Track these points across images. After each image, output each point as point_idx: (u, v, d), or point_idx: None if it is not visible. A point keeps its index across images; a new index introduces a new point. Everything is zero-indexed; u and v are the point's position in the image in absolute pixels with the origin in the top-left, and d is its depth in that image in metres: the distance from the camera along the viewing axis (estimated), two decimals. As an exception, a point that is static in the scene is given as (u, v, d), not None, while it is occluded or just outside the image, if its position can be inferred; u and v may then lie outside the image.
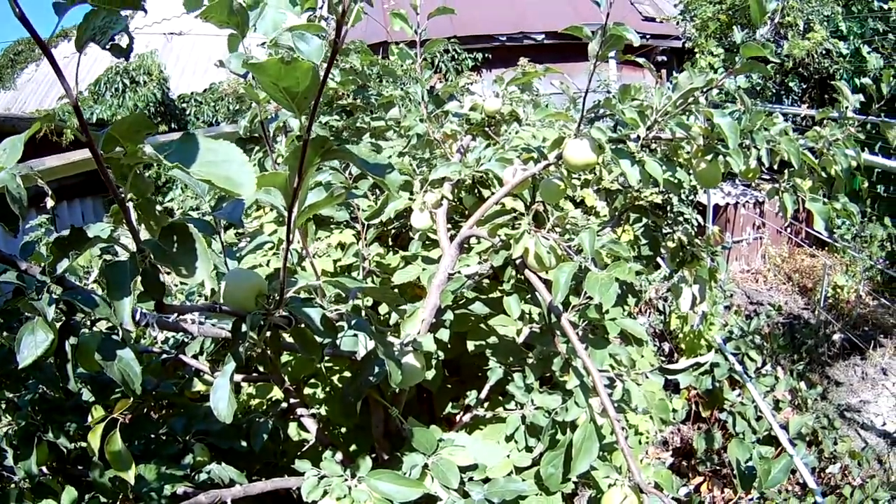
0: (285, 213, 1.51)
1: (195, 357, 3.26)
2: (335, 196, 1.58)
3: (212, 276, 1.64)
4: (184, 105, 12.77)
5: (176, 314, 2.19)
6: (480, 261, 3.16)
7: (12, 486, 2.85)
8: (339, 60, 4.15)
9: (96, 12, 1.20)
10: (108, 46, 1.21)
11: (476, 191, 3.69)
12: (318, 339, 2.05)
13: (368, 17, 3.75)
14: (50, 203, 1.95)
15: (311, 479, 2.41)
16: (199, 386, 3.57)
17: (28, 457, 2.64)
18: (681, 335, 7.82)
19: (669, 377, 3.39)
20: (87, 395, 2.92)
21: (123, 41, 1.22)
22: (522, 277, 2.95)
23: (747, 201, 12.30)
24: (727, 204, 12.10)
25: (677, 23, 16.99)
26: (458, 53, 16.60)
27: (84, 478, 2.98)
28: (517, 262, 2.70)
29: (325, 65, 1.25)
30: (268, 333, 2.02)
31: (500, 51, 16.35)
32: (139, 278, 1.40)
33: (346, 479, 2.35)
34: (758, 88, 13.96)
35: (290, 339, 2.13)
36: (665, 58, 17.71)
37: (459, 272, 3.01)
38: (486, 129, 3.89)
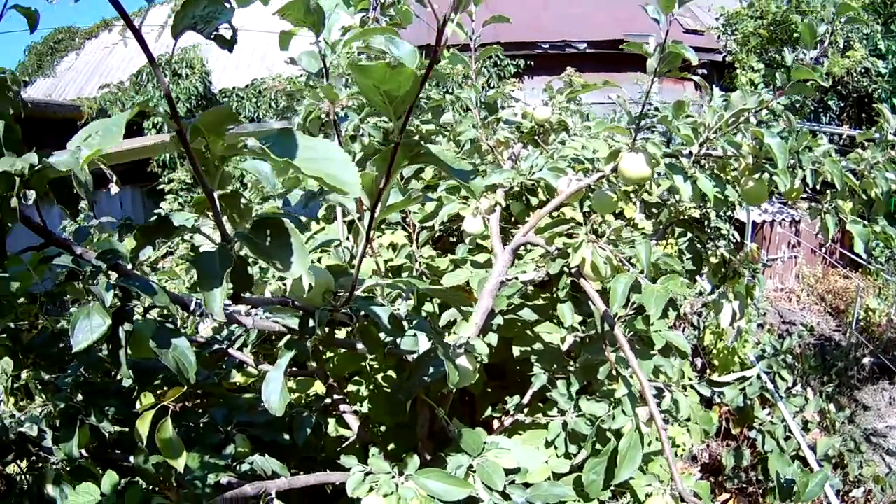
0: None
1: (240, 349, 3.28)
2: (412, 198, 1.60)
3: (309, 272, 1.66)
4: (225, 99, 12.82)
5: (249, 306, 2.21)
6: (536, 267, 3.16)
7: (50, 466, 2.88)
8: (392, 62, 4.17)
9: (197, 0, 1.20)
10: (211, 36, 1.22)
11: (524, 198, 3.71)
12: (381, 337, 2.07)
13: (419, 18, 3.77)
14: (115, 189, 1.97)
15: (357, 476, 2.44)
16: (237, 377, 3.59)
17: (69, 439, 2.64)
18: (714, 351, 7.80)
19: (714, 390, 3.40)
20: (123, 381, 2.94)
21: (227, 33, 1.22)
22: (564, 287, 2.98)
23: (783, 219, 12.25)
24: (763, 221, 12.06)
25: (718, 36, 16.94)
26: (500, 60, 16.59)
27: (121, 462, 3.00)
28: (573, 270, 2.71)
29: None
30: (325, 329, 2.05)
31: (543, 58, 16.33)
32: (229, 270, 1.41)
33: (393, 477, 2.37)
34: (796, 105, 13.92)
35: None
36: (705, 71, 17.65)
37: (516, 278, 3.02)
38: (535, 137, 3.91)
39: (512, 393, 3.69)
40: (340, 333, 2.50)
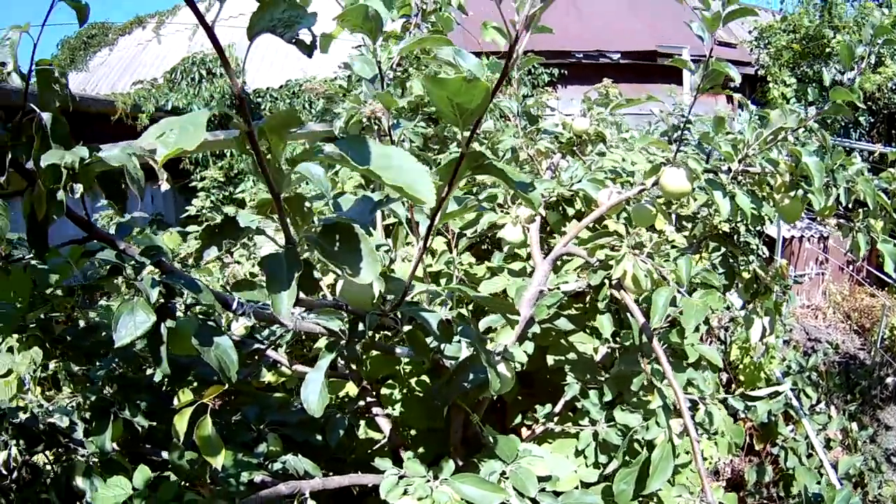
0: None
1: (274, 348, 3.29)
2: (468, 207, 1.62)
3: (379, 278, 1.67)
4: (258, 100, 12.87)
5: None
6: (578, 278, 3.18)
7: (80, 458, 2.90)
8: (422, 71, 4.19)
9: (276, 2, 1.21)
10: (292, 40, 1.22)
11: (560, 208, 3.72)
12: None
13: (459, 25, 3.78)
14: (165, 186, 1.99)
15: (391, 478, 2.45)
16: (267, 377, 3.61)
17: (102, 432, 2.66)
18: (741, 366, 7.77)
19: (747, 404, 3.40)
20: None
21: (307, 37, 1.23)
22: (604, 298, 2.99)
23: (812, 235, 12.20)
24: (792, 237, 12.01)
25: (751, 50, 16.88)
26: (534, 68, 16.53)
27: (151, 457, 3.02)
28: (614, 282, 2.73)
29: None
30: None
31: (576, 68, 16.30)
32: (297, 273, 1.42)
33: (428, 480, 2.38)
34: (827, 121, 13.88)
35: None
36: (737, 84, 17.54)
37: (557, 288, 3.03)
38: (574, 147, 3.92)
39: (541, 401, 3.71)
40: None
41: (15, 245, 3.03)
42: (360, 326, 1.93)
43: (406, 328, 2.07)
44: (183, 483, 2.75)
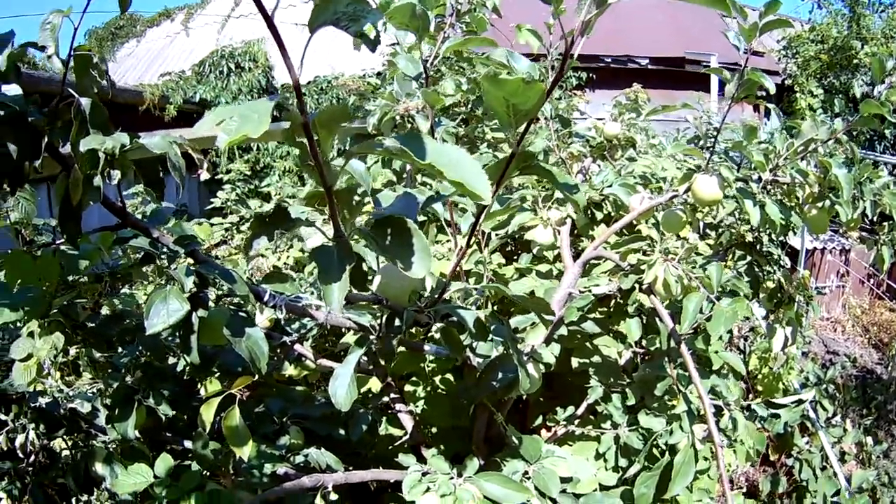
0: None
1: (299, 342, 3.30)
2: (511, 207, 1.63)
3: (432, 274, 1.68)
4: (287, 95, 12.89)
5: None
6: (609, 281, 3.18)
7: (101, 445, 2.91)
8: (463, 69, 4.20)
9: None
10: (356, 34, 1.22)
11: (588, 212, 3.72)
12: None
13: (493, 27, 3.78)
14: (204, 175, 2.00)
15: (414, 475, 2.46)
16: (289, 370, 3.62)
17: (125, 419, 2.65)
18: (759, 376, 7.75)
19: (771, 411, 3.40)
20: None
21: (371, 33, 1.23)
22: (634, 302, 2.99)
23: (834, 248, 12.15)
24: (814, 249, 11.96)
25: (778, 59, 16.81)
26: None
27: (171, 445, 3.03)
28: (644, 286, 2.73)
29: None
30: (401, 329, 2.07)
31: (604, 72, 16.21)
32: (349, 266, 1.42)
33: (451, 478, 2.39)
34: (853, 133, 13.82)
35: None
36: (764, 93, 17.48)
37: (589, 290, 3.04)
38: (604, 152, 3.93)
39: (561, 403, 3.72)
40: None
41: (40, 230, 3.05)
42: (397, 322, 1.93)
43: (437, 325, 2.07)
44: (205, 473, 2.76)
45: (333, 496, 2.71)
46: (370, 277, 1.82)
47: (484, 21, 3.21)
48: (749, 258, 3.74)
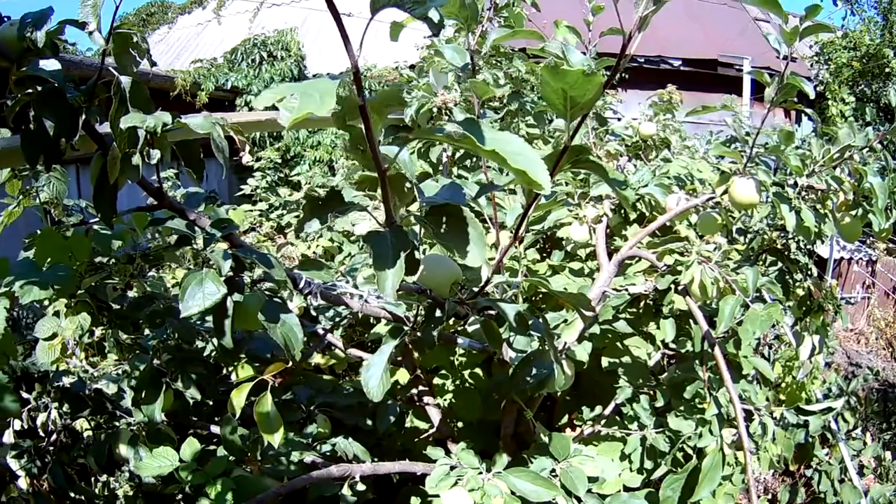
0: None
1: (329, 331, 3.29)
2: (558, 201, 1.63)
3: (487, 263, 1.67)
4: (320, 84, 12.91)
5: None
6: (645, 281, 3.17)
7: (125, 426, 2.91)
8: (501, 63, 4.19)
9: None
10: (421, 17, 1.20)
11: (622, 211, 3.71)
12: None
13: (530, 22, 3.77)
14: (247, 158, 2.00)
15: (442, 468, 2.45)
16: (315, 358, 3.62)
17: (152, 401, 2.64)
18: (783, 384, 7.72)
19: (801, 418, 3.39)
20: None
21: (435, 16, 1.21)
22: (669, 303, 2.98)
23: (860, 258, 12.08)
24: (841, 258, 11.90)
25: (811, 65, 16.73)
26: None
27: (195, 429, 3.06)
28: (680, 288, 2.72)
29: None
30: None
31: (637, 72, 16.12)
32: (404, 254, 1.41)
33: (480, 472, 2.38)
34: (884, 142, 13.74)
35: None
36: (795, 98, 17.38)
37: (626, 290, 3.03)
38: (639, 152, 3.91)
39: (587, 403, 3.71)
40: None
41: (69, 210, 3.05)
42: (438, 313, 1.92)
43: (473, 318, 2.06)
44: (231, 458, 2.75)
45: (361, 486, 2.70)
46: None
47: (521, 16, 3.21)
48: (780, 264, 3.72)
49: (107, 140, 1.72)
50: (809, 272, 4.11)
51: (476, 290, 1.92)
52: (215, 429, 2.97)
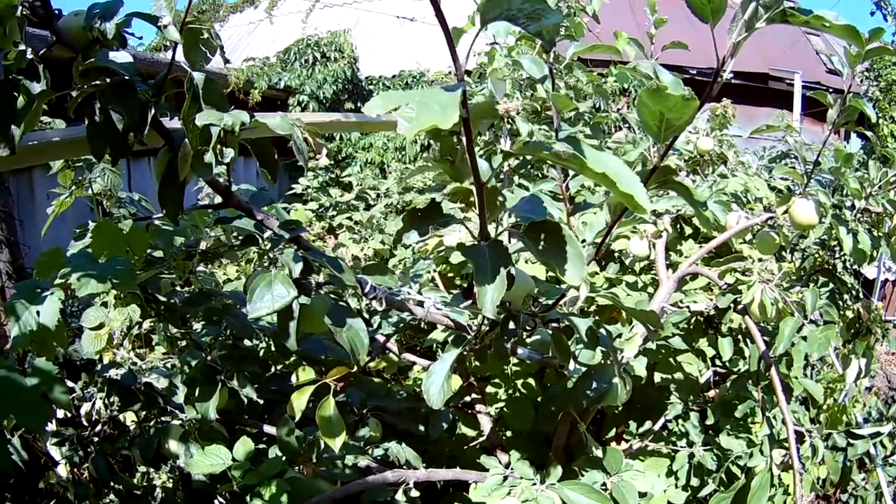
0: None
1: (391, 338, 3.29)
2: (634, 218, 1.64)
3: (586, 281, 1.68)
4: (371, 87, 12.92)
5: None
6: (708, 299, 3.18)
7: (176, 422, 2.93)
8: (562, 74, 4.20)
9: None
10: (536, 33, 1.21)
11: (678, 226, 3.72)
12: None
13: (590, 32, 3.78)
14: (325, 161, 2.00)
15: (495, 478, 2.46)
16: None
17: (207, 399, 2.65)
18: (824, 406, 7.67)
19: (849, 441, 3.38)
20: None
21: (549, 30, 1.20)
22: (728, 321, 2.98)
23: (906, 280, 11.97)
24: (885, 280, 11.79)
25: (861, 80, 16.57)
26: (648, 80, 16.35)
27: (244, 427, 3.06)
28: (739, 307, 2.73)
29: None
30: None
31: (688, 84, 16.05)
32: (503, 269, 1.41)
33: (534, 483, 2.39)
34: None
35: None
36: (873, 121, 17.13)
37: (688, 307, 3.04)
38: (696, 167, 3.91)
39: (634, 418, 3.71)
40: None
41: (122, 203, 3.08)
42: (511, 325, 1.93)
43: (539, 330, 2.07)
44: (286, 459, 2.75)
45: (415, 493, 2.71)
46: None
47: (582, 26, 3.21)
48: (832, 286, 3.71)
49: (176, 136, 1.73)
50: (858, 294, 4.09)
51: (550, 303, 1.94)
52: (268, 428, 2.98)
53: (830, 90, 16.10)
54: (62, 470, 3.01)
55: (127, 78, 1.64)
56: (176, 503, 3.08)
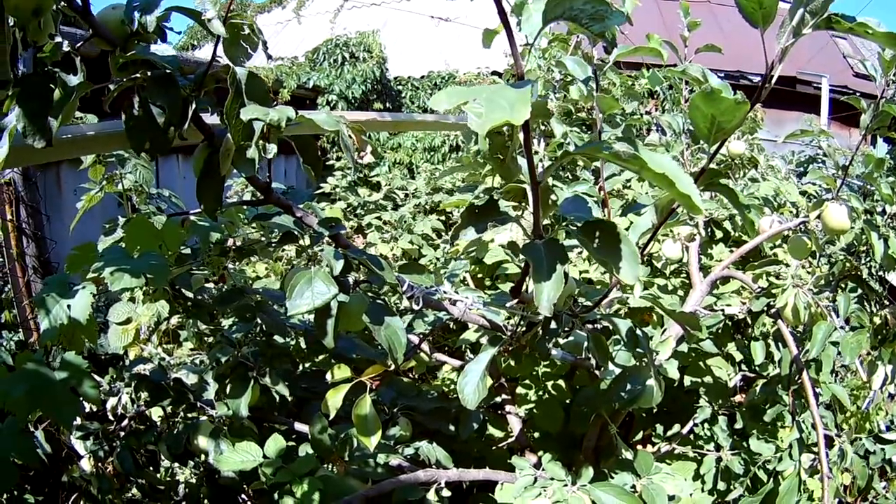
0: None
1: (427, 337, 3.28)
2: (679, 221, 1.65)
3: (640, 280, 1.69)
4: (399, 87, 12.95)
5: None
6: (741, 302, 3.18)
7: (206, 419, 2.93)
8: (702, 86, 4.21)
9: None
10: (598, 33, 1.21)
11: (709, 230, 3.72)
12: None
13: (623, 34, 3.78)
14: (368, 158, 2.00)
15: (526, 478, 2.46)
16: (391, 361, 3.62)
17: (239, 395, 2.64)
18: (848, 412, 7.62)
19: (879, 447, 3.38)
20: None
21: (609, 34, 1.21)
22: (761, 325, 2.98)
23: (930, 290, 11.88)
24: (910, 286, 11.71)
25: (888, 84, 16.43)
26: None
27: (274, 424, 3.06)
28: (772, 311, 2.73)
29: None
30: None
31: (717, 86, 15.97)
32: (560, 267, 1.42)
33: (566, 485, 2.39)
34: (960, 174, 13.46)
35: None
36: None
37: (722, 310, 3.04)
38: (728, 171, 3.91)
39: (661, 421, 3.71)
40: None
41: (151, 198, 3.09)
42: (553, 325, 1.94)
43: (576, 331, 2.07)
44: (318, 457, 2.74)
45: (446, 493, 2.70)
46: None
47: (614, 29, 3.21)
48: (860, 291, 3.70)
49: (217, 131, 1.74)
50: (886, 300, 4.08)
51: (591, 304, 1.94)
52: (300, 426, 2.98)
53: (857, 94, 15.96)
54: (86, 464, 3.01)
55: (169, 71, 1.65)
56: (199, 499, 3.09)
